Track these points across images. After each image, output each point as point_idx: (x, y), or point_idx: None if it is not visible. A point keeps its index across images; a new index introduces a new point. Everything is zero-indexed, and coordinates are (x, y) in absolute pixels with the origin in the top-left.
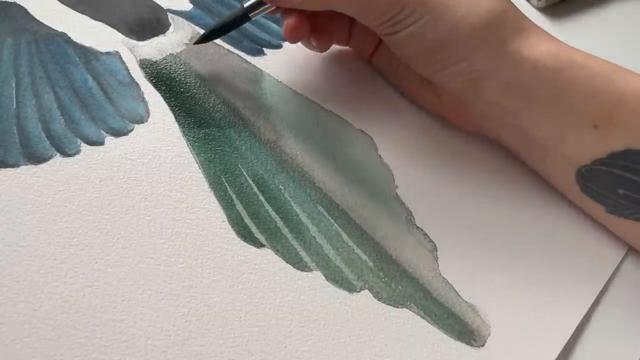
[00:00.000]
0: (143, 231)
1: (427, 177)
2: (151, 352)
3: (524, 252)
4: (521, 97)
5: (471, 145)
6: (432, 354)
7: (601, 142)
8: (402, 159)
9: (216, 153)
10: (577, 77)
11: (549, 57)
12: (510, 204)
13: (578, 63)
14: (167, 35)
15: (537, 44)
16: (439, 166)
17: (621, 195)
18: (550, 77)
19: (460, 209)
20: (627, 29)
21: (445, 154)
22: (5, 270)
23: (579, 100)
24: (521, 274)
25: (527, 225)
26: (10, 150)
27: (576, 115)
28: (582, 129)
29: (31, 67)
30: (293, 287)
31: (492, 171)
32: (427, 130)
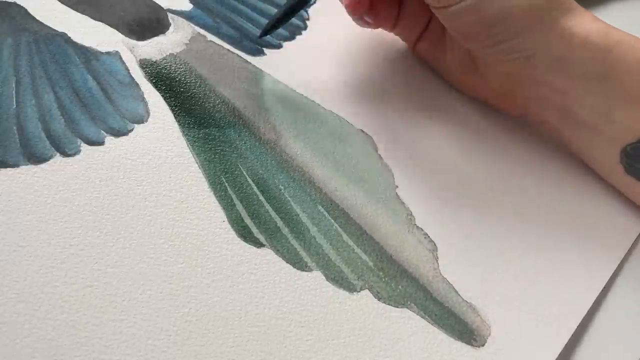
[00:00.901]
0: (143, 231)
1: (427, 177)
2: (151, 352)
3: (524, 252)
4: (570, 74)
5: (472, 146)
6: (432, 354)
7: None
8: (402, 159)
9: (216, 153)
10: (626, 55)
11: (599, 35)
12: (510, 204)
13: (627, 42)
14: (167, 35)
15: (588, 22)
16: (439, 166)
17: None
18: (600, 55)
19: (460, 209)
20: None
21: (445, 154)
22: (5, 270)
23: (628, 79)
24: (521, 273)
25: (527, 226)
26: (10, 150)
27: (624, 93)
28: (629, 107)
29: (31, 67)
30: (293, 287)
31: (493, 172)
32: (427, 130)
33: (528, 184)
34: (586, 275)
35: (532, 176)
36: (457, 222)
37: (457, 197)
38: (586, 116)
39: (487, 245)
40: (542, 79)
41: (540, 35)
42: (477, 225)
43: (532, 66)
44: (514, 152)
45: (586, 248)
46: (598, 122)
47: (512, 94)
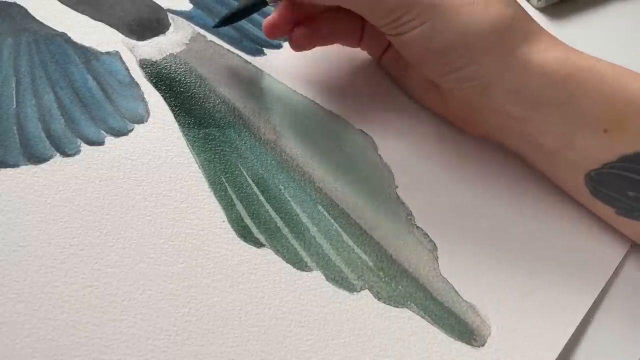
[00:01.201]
0: (143, 231)
1: (427, 177)
2: (151, 352)
3: (524, 252)
4: (529, 103)
5: (472, 145)
6: (432, 354)
7: (612, 146)
8: (402, 159)
9: (216, 153)
10: (586, 82)
11: (557, 62)
12: (510, 203)
13: (587, 68)
14: (167, 35)
15: (546, 49)
16: (439, 166)
17: (632, 197)
18: (559, 82)
19: (460, 209)
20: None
21: (445, 154)
22: (5, 270)
23: (589, 106)
24: (521, 273)
25: (527, 226)
26: (10, 150)
27: (586, 120)
28: (591, 134)
29: (31, 67)
30: (293, 287)
31: (493, 171)
32: (427, 130)
33: (529, 183)
34: (586, 275)
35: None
36: (457, 222)
37: (457, 197)
38: (547, 142)
39: (487, 245)
40: (499, 107)
41: (494, 65)
42: (477, 225)
43: (488, 95)
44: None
45: (586, 248)
46: (560, 148)
47: (472, 118)
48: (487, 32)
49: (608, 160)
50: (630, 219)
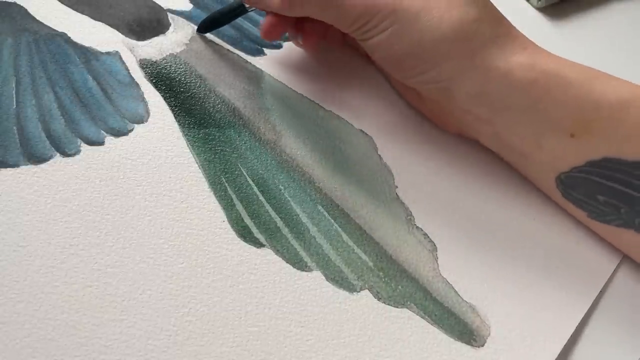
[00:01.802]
0: (143, 231)
1: (427, 177)
2: (151, 352)
3: (524, 252)
4: (493, 106)
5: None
6: (432, 354)
7: (579, 151)
8: (402, 159)
9: (216, 153)
10: (551, 87)
11: (522, 67)
12: (510, 204)
13: (553, 72)
14: (167, 35)
15: (511, 53)
16: (439, 166)
17: (601, 201)
18: (523, 87)
19: (460, 209)
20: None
21: (445, 154)
22: (5, 270)
23: (554, 110)
24: (521, 274)
25: (527, 225)
26: (10, 150)
27: (552, 124)
28: (558, 138)
29: (31, 67)
30: (293, 287)
31: (493, 171)
32: (427, 131)
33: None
34: (586, 274)
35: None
36: (457, 222)
37: (457, 197)
38: (516, 143)
39: (487, 245)
40: (466, 108)
41: (453, 70)
42: (477, 225)
43: (451, 97)
44: None
45: (586, 248)
46: (529, 150)
47: (445, 116)
48: (447, 37)
49: (576, 164)
50: (602, 223)
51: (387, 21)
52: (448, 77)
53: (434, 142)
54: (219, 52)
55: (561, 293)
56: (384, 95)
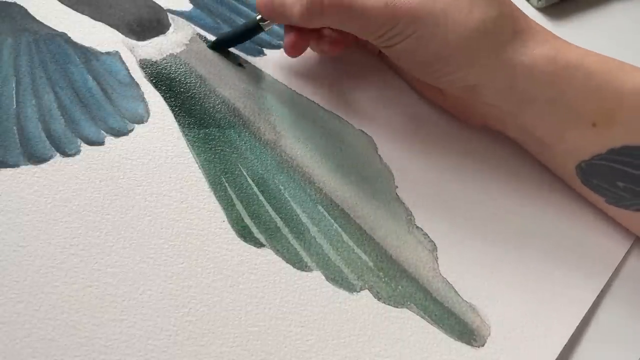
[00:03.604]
0: (143, 231)
1: (427, 177)
2: (151, 352)
3: (524, 252)
4: (519, 100)
5: (471, 145)
6: (432, 354)
7: (600, 139)
8: (402, 159)
9: (216, 153)
10: (574, 78)
11: (545, 60)
12: (510, 204)
13: (575, 64)
14: (167, 36)
15: (534, 47)
16: (439, 166)
17: (621, 187)
18: (547, 80)
19: (460, 209)
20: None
21: (445, 154)
22: (5, 270)
23: (577, 101)
24: (521, 274)
25: (527, 225)
26: (10, 150)
27: (575, 115)
28: (581, 128)
29: (31, 67)
30: (293, 287)
31: (493, 171)
32: (427, 131)
33: (529, 183)
34: (586, 275)
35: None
36: (457, 222)
37: (457, 197)
38: (540, 134)
39: (487, 245)
40: (491, 103)
41: (481, 69)
42: (477, 225)
43: (478, 93)
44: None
45: (586, 248)
46: (552, 140)
47: (469, 110)
48: (471, 39)
49: (597, 152)
50: (618, 207)
51: (410, 28)
52: (474, 76)
53: (434, 142)
54: (219, 52)
55: (561, 293)
56: (384, 95)
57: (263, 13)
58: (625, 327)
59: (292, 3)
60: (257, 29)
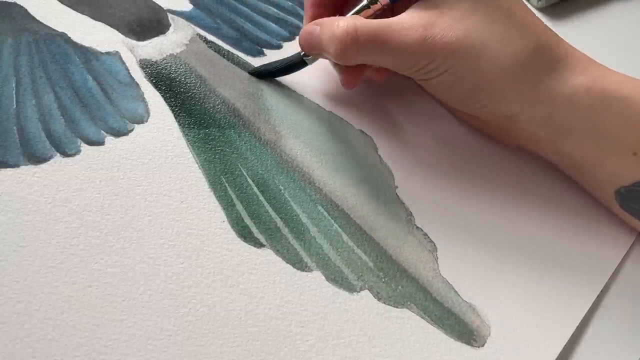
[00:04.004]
0: (143, 231)
1: (427, 177)
2: (151, 352)
3: (524, 252)
4: (557, 128)
5: (471, 145)
6: (432, 354)
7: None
8: (402, 159)
9: (216, 153)
10: (612, 107)
11: (583, 90)
12: (510, 204)
13: (614, 93)
14: (167, 36)
15: (572, 76)
16: (439, 166)
17: None
18: (586, 109)
19: (460, 209)
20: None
21: (445, 154)
22: (5, 270)
23: (616, 130)
24: (521, 274)
25: (527, 226)
26: (10, 150)
27: (614, 143)
28: (620, 155)
29: (31, 67)
30: (293, 287)
31: (493, 172)
32: (427, 131)
33: (529, 184)
34: (585, 275)
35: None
36: (457, 223)
37: (457, 197)
38: (578, 160)
39: (487, 245)
40: (529, 130)
41: (519, 101)
42: (477, 225)
43: (515, 122)
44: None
45: (586, 249)
46: (590, 167)
47: (505, 134)
48: (509, 71)
49: (638, 179)
50: None
51: (448, 62)
52: (512, 107)
53: (434, 142)
54: (219, 52)
55: (561, 293)
56: (385, 95)
57: (304, 49)
58: (625, 327)
59: (328, 42)
60: (301, 63)
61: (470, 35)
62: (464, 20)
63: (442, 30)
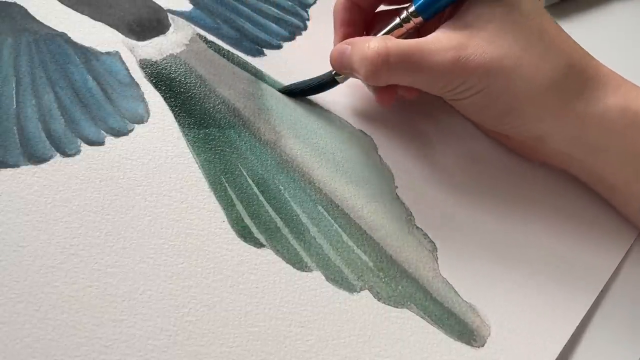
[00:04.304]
0: (143, 231)
1: (427, 177)
2: (151, 352)
3: (524, 252)
4: (589, 149)
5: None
6: (432, 354)
7: None
8: (402, 159)
9: (216, 153)
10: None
11: (616, 110)
12: (510, 204)
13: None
14: (167, 36)
15: (604, 97)
16: (439, 166)
17: None
18: (618, 130)
19: (460, 209)
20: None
21: (445, 154)
22: (5, 270)
23: None
24: (521, 274)
25: (526, 225)
26: (10, 150)
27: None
28: None
29: (31, 67)
30: (293, 287)
31: (493, 171)
32: (427, 131)
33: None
34: (585, 275)
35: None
36: (457, 223)
37: (457, 198)
38: (608, 179)
39: (487, 245)
40: (559, 150)
41: (550, 121)
42: (477, 225)
43: (545, 141)
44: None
45: (586, 249)
46: (619, 184)
47: (532, 151)
48: (541, 92)
49: None
50: None
51: (482, 83)
52: (544, 128)
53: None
54: (219, 52)
55: (561, 293)
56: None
57: (335, 69)
58: (625, 327)
59: (359, 63)
60: (332, 82)
61: (503, 56)
62: (495, 41)
63: (475, 51)
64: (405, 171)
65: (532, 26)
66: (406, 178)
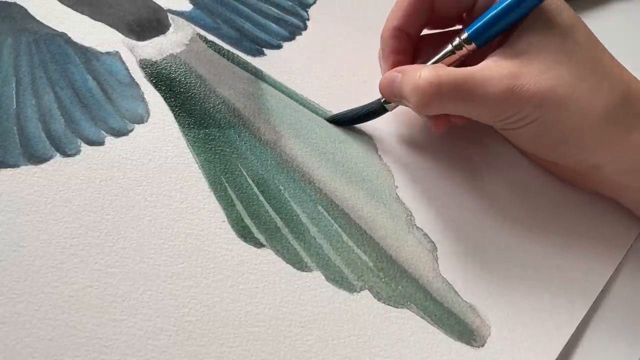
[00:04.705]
0: (143, 231)
1: (427, 177)
2: (151, 352)
3: (524, 252)
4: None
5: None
6: (432, 354)
7: None
8: (402, 159)
9: (216, 153)
10: None
11: None
12: (510, 204)
13: None
14: (167, 36)
15: None
16: (439, 166)
17: None
18: None
19: (460, 209)
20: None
21: (445, 154)
22: (5, 270)
23: None
24: (521, 274)
25: (527, 225)
26: (10, 150)
27: None
28: None
29: (31, 67)
30: (293, 287)
31: (493, 172)
32: (426, 131)
33: (529, 185)
34: (585, 275)
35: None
36: (457, 223)
37: (457, 198)
38: None
39: (487, 245)
40: (611, 179)
41: (606, 151)
42: (477, 225)
43: (599, 172)
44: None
45: (586, 249)
46: None
47: (583, 181)
48: (596, 125)
49: None
50: None
51: (536, 113)
52: (599, 159)
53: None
54: (219, 52)
55: (561, 293)
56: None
57: (384, 97)
58: (625, 327)
59: (410, 92)
60: (381, 110)
61: (558, 86)
62: (549, 70)
63: (529, 80)
64: (405, 171)
65: (587, 56)
66: (406, 178)
